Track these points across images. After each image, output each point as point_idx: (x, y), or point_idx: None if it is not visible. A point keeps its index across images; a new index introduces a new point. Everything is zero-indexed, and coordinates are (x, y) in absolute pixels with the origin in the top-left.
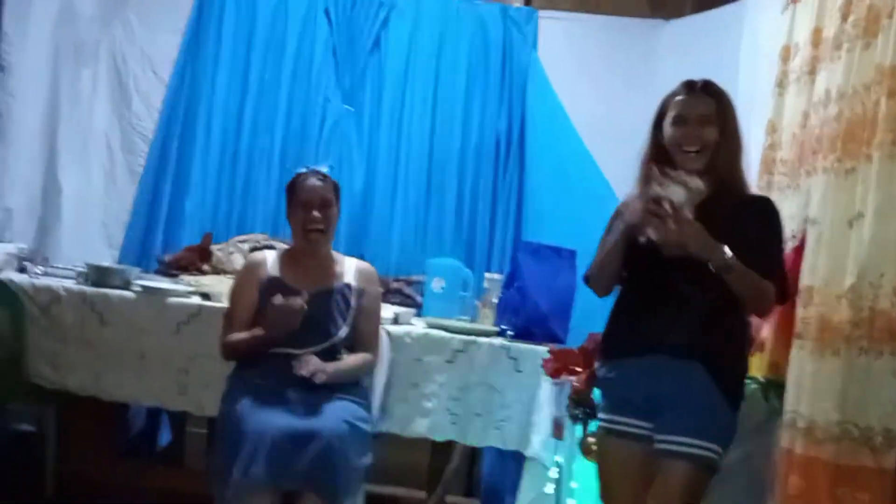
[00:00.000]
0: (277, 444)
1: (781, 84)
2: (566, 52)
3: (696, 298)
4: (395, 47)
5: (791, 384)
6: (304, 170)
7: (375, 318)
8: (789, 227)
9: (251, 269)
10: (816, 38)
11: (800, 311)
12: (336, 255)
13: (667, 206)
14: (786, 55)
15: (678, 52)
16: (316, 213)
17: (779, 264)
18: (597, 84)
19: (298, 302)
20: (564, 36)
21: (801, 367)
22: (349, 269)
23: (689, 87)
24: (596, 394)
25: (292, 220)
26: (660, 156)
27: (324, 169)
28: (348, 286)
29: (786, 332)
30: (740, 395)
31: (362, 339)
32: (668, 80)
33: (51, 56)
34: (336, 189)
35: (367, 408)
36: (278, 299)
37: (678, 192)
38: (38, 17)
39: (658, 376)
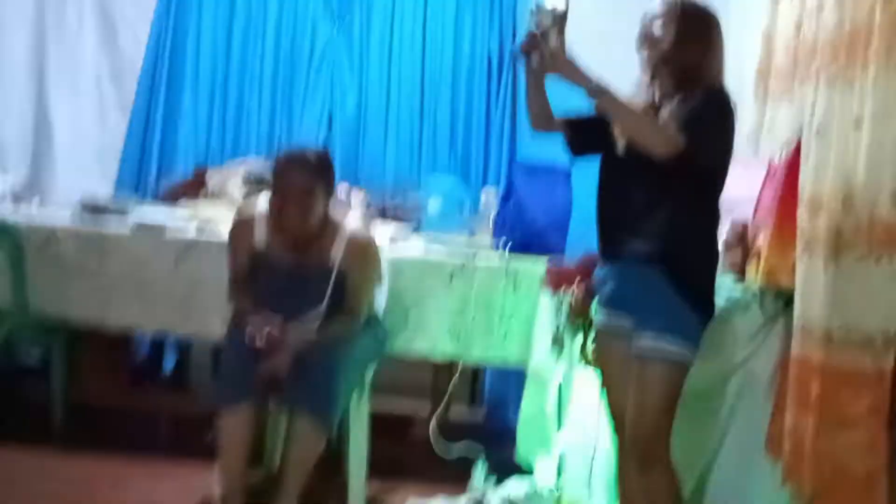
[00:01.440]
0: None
1: None
2: None
3: (650, 206)
4: None
5: (801, 293)
6: (287, 152)
7: (361, 294)
8: (784, 135)
9: (240, 231)
10: None
11: (806, 220)
12: (330, 223)
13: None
14: None
15: None
16: (292, 209)
17: (697, 123)
18: None
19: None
20: None
21: (812, 276)
22: (340, 240)
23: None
24: (594, 306)
25: (272, 199)
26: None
27: (310, 154)
28: (332, 263)
29: (783, 241)
30: (704, 298)
31: (345, 307)
32: None
33: None
34: (323, 170)
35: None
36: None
37: (545, 18)
38: None
39: (627, 279)
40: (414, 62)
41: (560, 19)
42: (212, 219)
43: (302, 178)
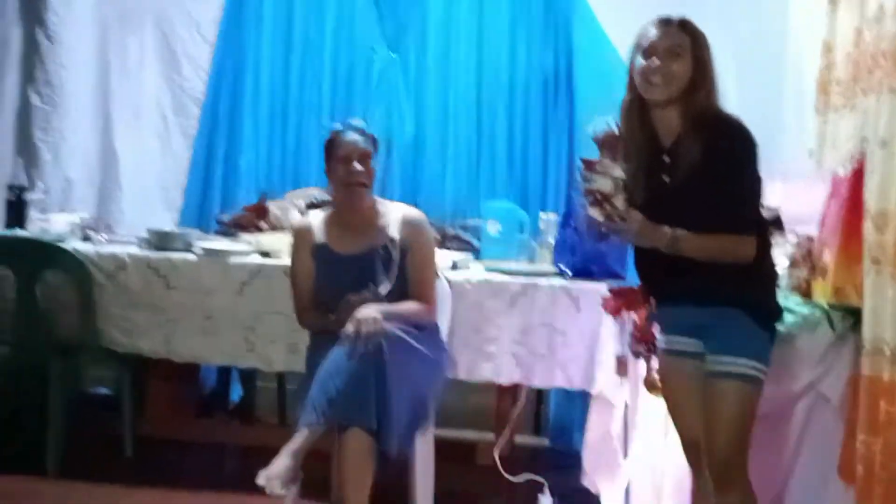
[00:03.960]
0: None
1: (834, 1)
2: None
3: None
4: None
5: (869, 310)
6: (339, 126)
7: (426, 268)
8: (847, 148)
9: (300, 238)
10: None
11: (872, 236)
12: (381, 205)
13: (599, 198)
14: None
15: None
16: (357, 166)
17: (750, 213)
18: (644, 14)
19: (366, 296)
20: None
21: (881, 292)
22: (394, 220)
23: (664, 21)
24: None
25: (332, 177)
26: (632, 90)
27: (359, 122)
28: (392, 241)
29: (849, 257)
30: (773, 324)
31: (415, 290)
32: (717, 4)
33: (97, 26)
34: (375, 142)
35: (437, 345)
36: (349, 300)
37: (605, 182)
38: None
39: (697, 314)
40: (470, 86)
41: (621, 183)
42: (274, 248)
43: (363, 140)
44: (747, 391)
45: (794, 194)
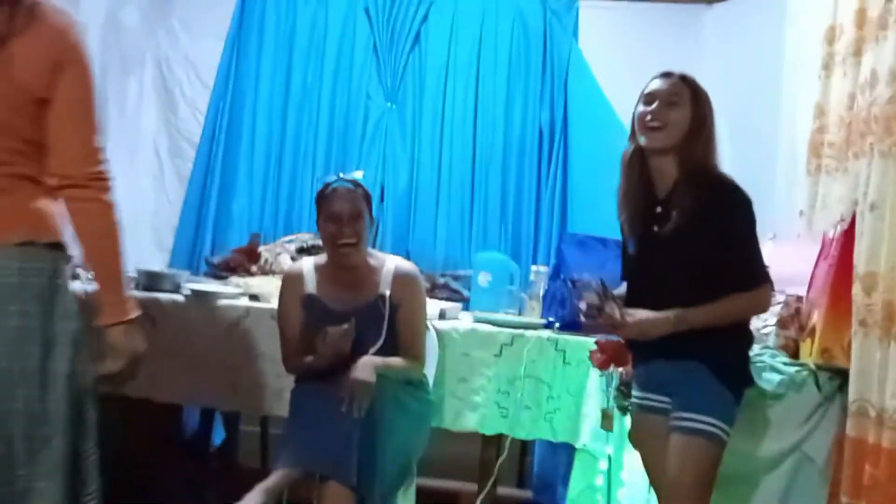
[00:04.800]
0: (314, 432)
1: (827, 66)
2: (608, 40)
3: (686, 299)
4: (435, 43)
5: (855, 372)
6: (332, 178)
7: (416, 323)
8: (838, 210)
9: (290, 284)
10: (861, 18)
11: (861, 298)
12: (374, 259)
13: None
14: (831, 36)
15: (721, 37)
16: (346, 228)
17: (760, 269)
18: (640, 71)
19: (344, 329)
20: (605, 24)
21: (867, 354)
22: (386, 275)
23: (666, 73)
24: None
25: (322, 232)
26: (634, 139)
27: (357, 175)
28: (382, 297)
29: (837, 318)
30: (741, 384)
31: (404, 344)
32: (712, 66)
33: (97, 67)
34: (367, 198)
35: (424, 401)
36: (325, 334)
37: (591, 296)
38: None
39: (664, 370)
40: (465, 137)
41: (605, 289)
42: (263, 292)
43: (353, 198)
44: (707, 449)
45: (784, 255)
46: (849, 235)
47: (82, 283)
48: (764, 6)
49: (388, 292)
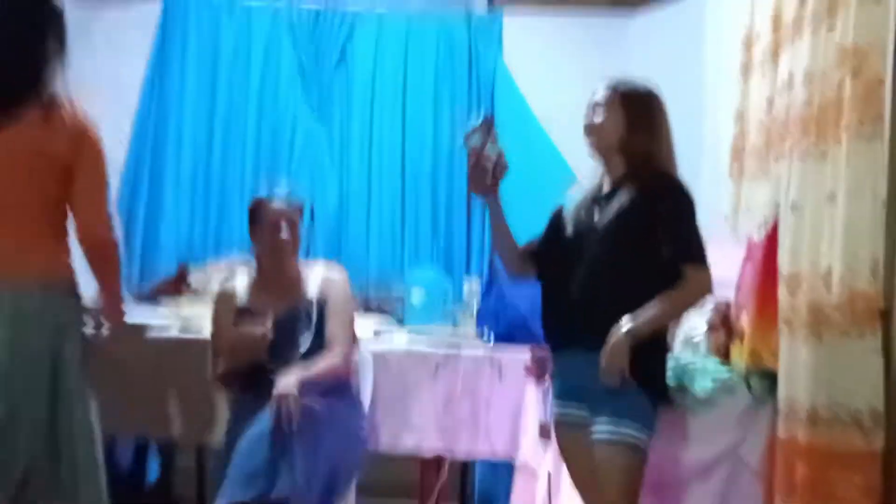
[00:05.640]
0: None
1: (746, 71)
2: (532, 51)
3: (601, 295)
4: (360, 60)
5: (784, 373)
6: (263, 193)
7: (340, 319)
8: (761, 213)
9: (222, 303)
10: (777, 22)
11: (786, 298)
12: (304, 267)
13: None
14: (748, 41)
15: (643, 45)
16: (284, 234)
17: (703, 249)
18: (563, 80)
19: (260, 330)
20: (529, 35)
21: (794, 354)
22: (314, 281)
23: (602, 85)
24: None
25: (258, 242)
26: None
27: (285, 189)
28: (310, 301)
29: (764, 321)
30: (658, 385)
31: (328, 341)
32: (636, 75)
33: None
34: (301, 208)
35: (355, 412)
36: (240, 329)
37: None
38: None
39: (581, 368)
40: (394, 152)
41: (489, 127)
42: (194, 317)
43: (289, 208)
44: (631, 459)
45: (712, 258)
46: (773, 238)
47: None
48: (684, 15)
49: (315, 294)
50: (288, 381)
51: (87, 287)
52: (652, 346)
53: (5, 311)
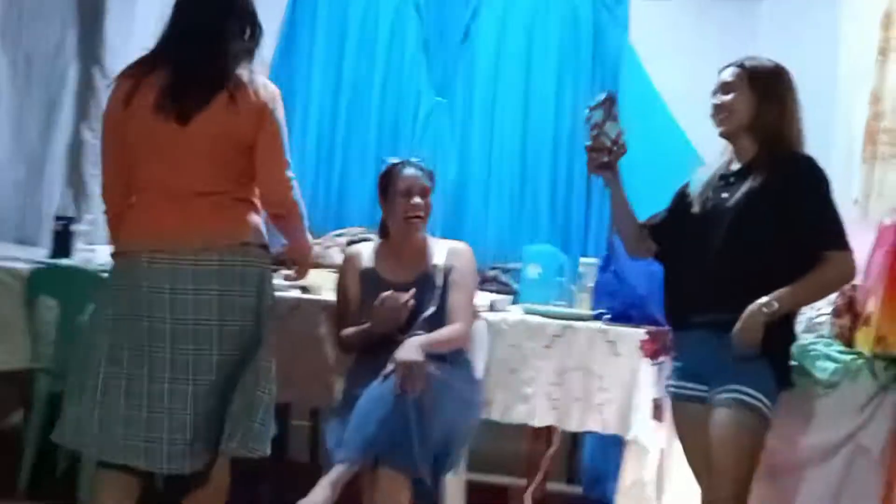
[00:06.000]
0: (368, 422)
1: (883, 52)
2: (660, 32)
3: (731, 274)
4: (485, 38)
5: None
6: (396, 160)
7: (464, 291)
8: (893, 196)
9: (349, 263)
10: None
11: None
12: (430, 240)
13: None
14: (886, 22)
15: (775, 28)
16: (417, 200)
17: (844, 231)
18: (691, 62)
19: (403, 297)
20: (658, 16)
21: None
22: (440, 251)
23: (730, 64)
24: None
25: (389, 209)
26: None
27: (416, 159)
28: (436, 267)
29: (894, 306)
30: (783, 366)
31: (450, 312)
32: (765, 54)
33: None
34: (432, 177)
35: (471, 381)
36: (383, 298)
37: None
38: (141, 23)
39: (704, 348)
40: (515, 131)
41: (612, 103)
42: (314, 285)
43: (422, 175)
44: (749, 421)
45: None
46: None
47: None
48: None
49: (442, 262)
50: (411, 349)
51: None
52: (780, 326)
53: (213, 270)
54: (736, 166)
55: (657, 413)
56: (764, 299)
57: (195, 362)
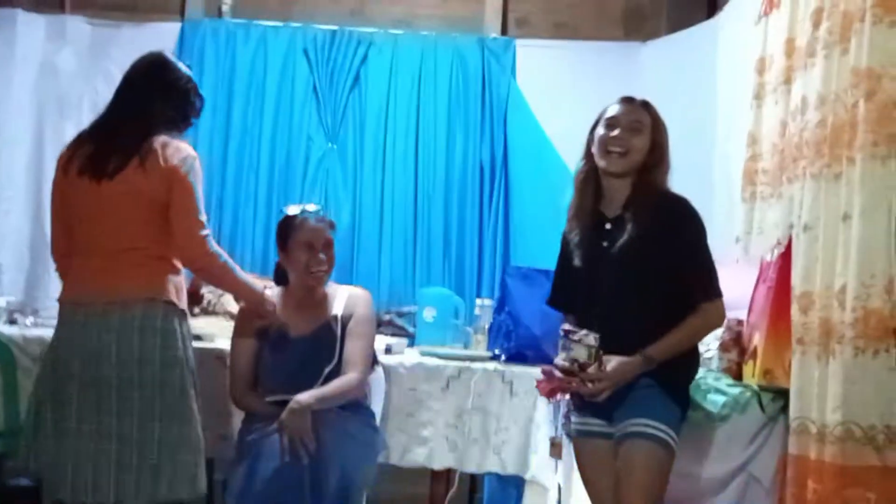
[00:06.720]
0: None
1: (759, 96)
2: (545, 78)
3: (631, 315)
4: (374, 83)
5: (795, 390)
6: (296, 209)
7: (362, 339)
8: (774, 234)
9: (246, 319)
10: (790, 48)
11: (798, 317)
12: (331, 287)
13: (576, 371)
14: (761, 67)
15: (656, 73)
16: (321, 255)
17: (716, 280)
18: (577, 108)
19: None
20: (543, 63)
21: (806, 372)
22: (340, 299)
23: (628, 99)
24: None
25: (289, 259)
26: (589, 160)
27: (311, 207)
28: (335, 318)
29: (778, 340)
30: (685, 396)
31: (346, 362)
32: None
33: (34, 108)
34: (334, 227)
35: (369, 425)
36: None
37: (582, 351)
38: (21, 75)
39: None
40: (407, 174)
41: (598, 350)
42: (207, 333)
43: (324, 228)
44: (658, 454)
45: (724, 280)
46: (786, 258)
47: (19, 328)
48: (696, 42)
49: (341, 312)
50: (298, 410)
51: None
52: (686, 357)
53: (113, 323)
54: (609, 209)
55: (554, 451)
56: (647, 353)
57: (119, 408)
